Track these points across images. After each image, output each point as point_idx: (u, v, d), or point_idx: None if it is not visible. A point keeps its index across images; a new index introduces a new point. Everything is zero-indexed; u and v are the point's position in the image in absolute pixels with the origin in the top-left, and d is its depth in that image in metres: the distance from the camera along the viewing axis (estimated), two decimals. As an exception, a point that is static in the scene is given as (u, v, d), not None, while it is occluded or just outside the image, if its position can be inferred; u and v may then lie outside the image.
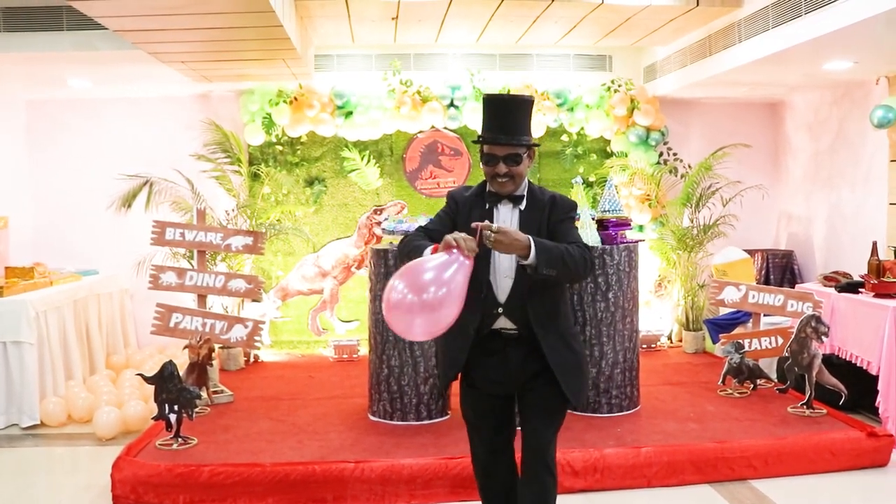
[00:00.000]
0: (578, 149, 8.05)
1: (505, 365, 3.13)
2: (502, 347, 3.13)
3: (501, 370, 3.14)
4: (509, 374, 3.14)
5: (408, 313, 2.68)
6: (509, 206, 3.17)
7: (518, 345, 3.11)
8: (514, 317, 3.09)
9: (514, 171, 3.10)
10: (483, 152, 3.15)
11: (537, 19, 6.50)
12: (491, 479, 3.33)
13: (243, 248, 6.15)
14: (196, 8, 4.71)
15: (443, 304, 2.68)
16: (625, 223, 5.70)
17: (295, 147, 7.81)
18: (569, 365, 3.11)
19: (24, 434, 5.60)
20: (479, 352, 3.15)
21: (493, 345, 3.14)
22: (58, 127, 7.87)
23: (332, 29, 6.79)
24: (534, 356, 3.10)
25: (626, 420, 5.27)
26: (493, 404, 3.24)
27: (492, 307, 3.10)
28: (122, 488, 4.25)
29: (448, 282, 2.69)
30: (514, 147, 3.09)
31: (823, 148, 7.68)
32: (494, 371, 3.15)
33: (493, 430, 3.27)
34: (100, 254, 7.64)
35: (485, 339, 3.14)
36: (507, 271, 3.09)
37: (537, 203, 3.18)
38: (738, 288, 6.15)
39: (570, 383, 3.10)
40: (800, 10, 5.22)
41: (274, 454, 4.58)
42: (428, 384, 5.27)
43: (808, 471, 4.66)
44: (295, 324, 7.88)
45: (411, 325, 2.71)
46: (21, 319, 5.68)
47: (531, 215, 3.14)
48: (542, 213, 3.15)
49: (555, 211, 3.17)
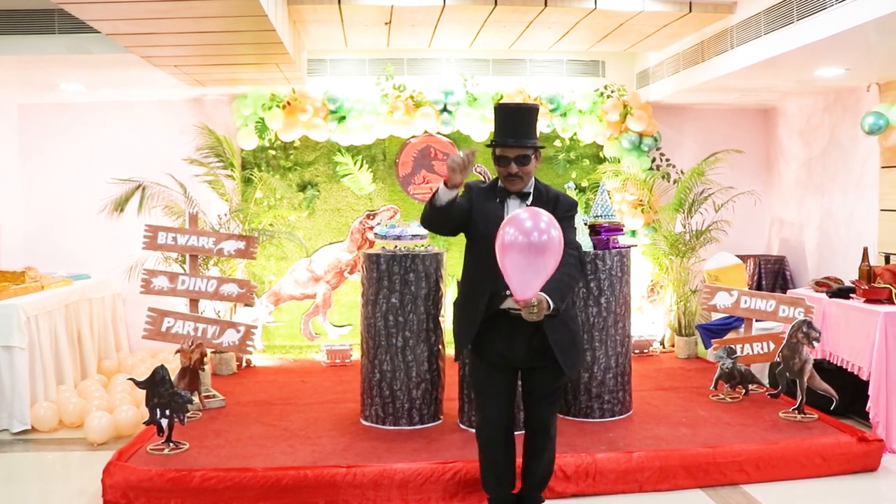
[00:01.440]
0: (571, 154, 8.06)
1: (511, 341, 3.62)
2: (509, 325, 3.57)
3: (507, 345, 3.64)
4: (514, 350, 3.63)
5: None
6: (517, 201, 3.66)
7: (523, 324, 3.47)
8: None
9: (523, 171, 3.61)
10: (496, 154, 3.66)
11: (530, 25, 6.51)
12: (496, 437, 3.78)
13: (235, 252, 6.13)
14: (189, 12, 4.70)
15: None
16: (617, 228, 5.71)
17: (288, 151, 7.81)
18: (566, 341, 3.61)
19: (14, 439, 5.57)
20: (488, 327, 3.64)
21: (500, 322, 3.60)
22: (50, 131, 7.86)
23: (325, 33, 6.79)
24: (538, 335, 3.56)
25: (618, 425, 5.27)
26: (499, 374, 3.73)
27: (501, 289, 3.50)
28: (114, 493, 4.23)
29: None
30: (524, 149, 3.59)
31: (815, 154, 7.71)
32: (501, 346, 3.65)
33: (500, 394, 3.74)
34: (91, 258, 7.62)
35: (493, 317, 3.61)
36: None
37: (543, 200, 3.65)
38: (730, 293, 6.17)
39: (567, 359, 3.61)
40: (792, 16, 5.24)
41: (266, 459, 4.56)
42: (420, 389, 5.27)
43: (799, 475, 4.67)
44: (287, 328, 7.87)
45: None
46: (12, 324, 5.65)
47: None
48: (547, 208, 3.49)
49: (558, 209, 3.60)
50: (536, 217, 3.24)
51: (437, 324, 5.36)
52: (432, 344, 5.32)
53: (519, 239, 3.17)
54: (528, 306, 3.29)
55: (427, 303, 5.27)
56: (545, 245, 3.17)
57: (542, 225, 3.20)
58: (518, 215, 3.27)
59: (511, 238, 3.18)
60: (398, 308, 5.22)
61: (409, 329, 5.23)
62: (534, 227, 3.18)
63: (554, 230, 3.21)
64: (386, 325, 5.24)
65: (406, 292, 5.22)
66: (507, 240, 3.20)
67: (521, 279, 3.23)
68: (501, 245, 3.23)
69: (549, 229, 3.20)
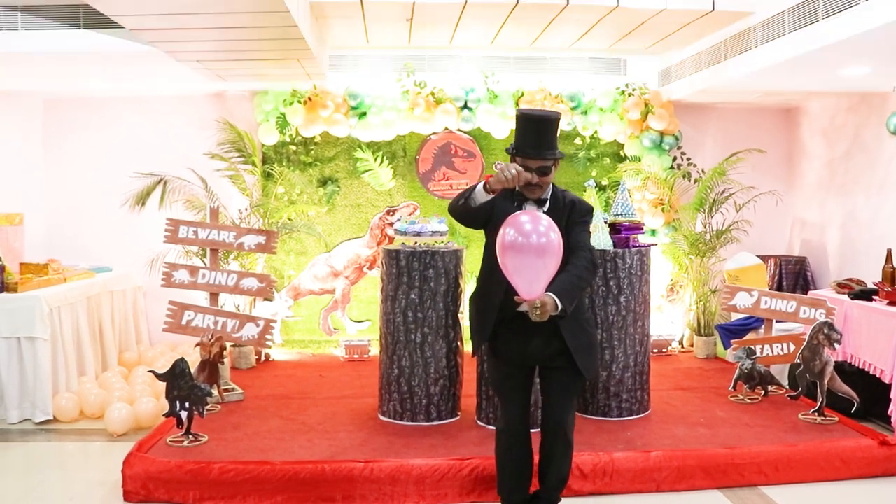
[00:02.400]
0: (591, 152, 8.03)
1: (529, 343, 3.66)
2: (526, 325, 3.55)
3: (525, 347, 3.68)
4: (532, 351, 3.67)
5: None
6: (534, 206, 3.67)
7: (541, 326, 3.52)
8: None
9: (543, 181, 3.65)
10: (516, 162, 3.65)
11: (552, 22, 6.49)
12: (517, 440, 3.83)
13: (256, 246, 6.17)
14: (212, 7, 4.73)
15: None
16: (637, 227, 5.69)
17: (308, 147, 7.84)
18: (584, 345, 3.68)
19: (36, 429, 5.64)
20: (506, 328, 3.70)
21: (517, 321, 3.60)
22: (73, 125, 7.93)
23: (346, 29, 6.80)
24: (555, 337, 3.63)
25: (636, 424, 5.25)
26: (515, 371, 3.78)
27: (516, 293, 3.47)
28: (133, 484, 4.28)
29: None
30: (545, 160, 3.62)
31: (839, 154, 7.64)
32: (519, 346, 3.69)
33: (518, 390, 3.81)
34: (113, 251, 7.69)
35: (511, 319, 3.62)
36: None
37: (559, 205, 3.70)
38: (750, 294, 6.13)
39: (584, 361, 3.67)
40: (816, 15, 5.19)
41: (283, 453, 4.59)
42: (438, 385, 5.27)
43: (818, 478, 4.63)
44: (306, 323, 7.90)
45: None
46: (35, 315, 5.71)
47: (553, 215, 3.53)
48: (562, 213, 3.64)
49: (573, 214, 3.69)
50: (536, 220, 3.31)
51: (456, 320, 5.36)
52: (451, 340, 5.32)
53: (518, 240, 3.26)
54: (533, 307, 3.34)
55: (446, 299, 5.28)
56: (544, 247, 3.26)
57: (541, 228, 3.29)
58: (517, 217, 3.35)
59: (511, 239, 3.28)
60: (417, 304, 5.23)
61: (428, 325, 5.24)
62: (533, 230, 3.27)
63: (553, 233, 3.31)
64: (405, 321, 5.25)
65: (425, 288, 5.23)
66: (506, 240, 3.30)
67: (524, 279, 3.31)
68: (501, 245, 3.33)
69: (548, 232, 3.28)
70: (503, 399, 3.88)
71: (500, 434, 3.90)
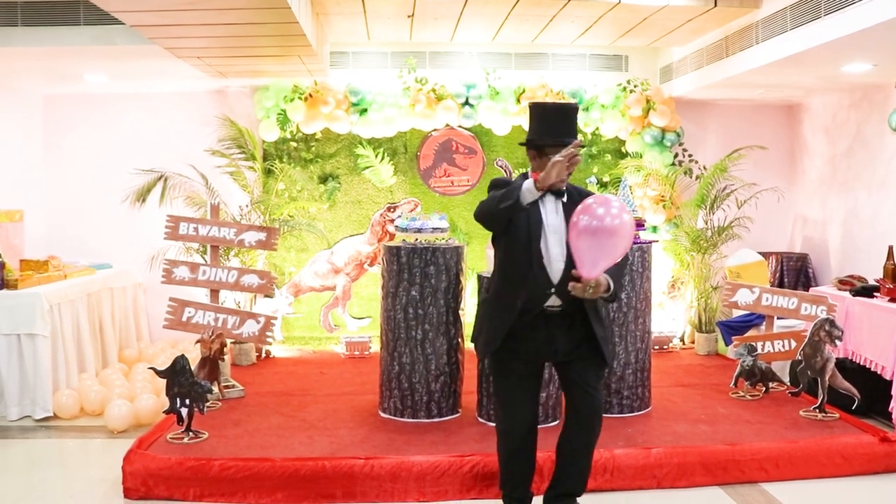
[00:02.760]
0: (593, 149, 8.03)
1: (551, 336, 3.61)
2: (544, 322, 3.58)
3: (547, 341, 3.62)
4: (554, 344, 3.62)
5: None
6: (552, 198, 3.61)
7: (560, 319, 3.58)
8: (564, 296, 3.51)
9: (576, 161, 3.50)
10: (537, 153, 3.63)
11: (553, 18, 6.48)
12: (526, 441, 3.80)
13: (256, 243, 6.16)
14: (212, 3, 4.72)
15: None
16: (639, 224, 5.68)
17: (309, 143, 7.83)
18: (605, 335, 3.70)
19: (37, 426, 5.64)
20: (520, 326, 3.61)
21: (535, 320, 3.59)
22: (73, 122, 7.92)
23: (347, 26, 6.80)
24: (575, 327, 3.63)
25: (637, 421, 5.25)
26: (528, 374, 3.74)
27: (545, 287, 3.55)
28: (133, 481, 4.28)
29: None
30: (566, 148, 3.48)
31: (840, 151, 7.62)
32: (542, 342, 3.62)
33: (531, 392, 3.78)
34: (114, 248, 7.69)
35: (527, 315, 3.58)
36: (559, 256, 3.56)
37: (576, 197, 3.59)
38: (751, 290, 6.12)
39: (607, 349, 3.69)
40: (819, 11, 5.18)
41: (284, 449, 4.59)
42: (439, 382, 5.27)
43: (819, 475, 4.63)
44: (307, 320, 7.90)
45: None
46: (35, 312, 5.71)
47: (572, 207, 3.46)
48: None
49: None
50: (608, 203, 3.32)
51: (457, 317, 5.36)
52: (451, 337, 5.32)
53: (593, 223, 3.26)
54: (588, 285, 3.35)
55: (447, 296, 5.27)
56: (616, 228, 3.27)
57: (613, 210, 3.28)
58: (592, 203, 3.33)
59: (586, 222, 3.27)
60: (418, 301, 5.22)
61: (429, 322, 5.24)
62: (606, 213, 3.27)
63: (626, 215, 3.30)
64: (406, 318, 5.25)
65: (426, 285, 5.22)
66: (581, 224, 3.28)
67: (592, 258, 3.31)
68: (576, 229, 3.29)
69: (620, 214, 3.29)
70: (514, 400, 3.75)
71: (507, 433, 3.82)
